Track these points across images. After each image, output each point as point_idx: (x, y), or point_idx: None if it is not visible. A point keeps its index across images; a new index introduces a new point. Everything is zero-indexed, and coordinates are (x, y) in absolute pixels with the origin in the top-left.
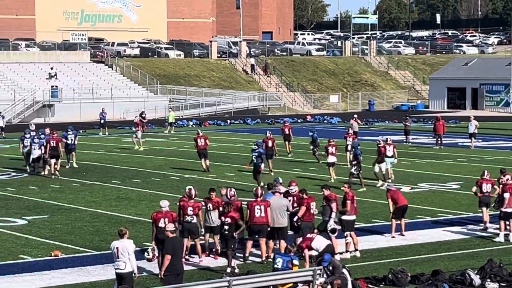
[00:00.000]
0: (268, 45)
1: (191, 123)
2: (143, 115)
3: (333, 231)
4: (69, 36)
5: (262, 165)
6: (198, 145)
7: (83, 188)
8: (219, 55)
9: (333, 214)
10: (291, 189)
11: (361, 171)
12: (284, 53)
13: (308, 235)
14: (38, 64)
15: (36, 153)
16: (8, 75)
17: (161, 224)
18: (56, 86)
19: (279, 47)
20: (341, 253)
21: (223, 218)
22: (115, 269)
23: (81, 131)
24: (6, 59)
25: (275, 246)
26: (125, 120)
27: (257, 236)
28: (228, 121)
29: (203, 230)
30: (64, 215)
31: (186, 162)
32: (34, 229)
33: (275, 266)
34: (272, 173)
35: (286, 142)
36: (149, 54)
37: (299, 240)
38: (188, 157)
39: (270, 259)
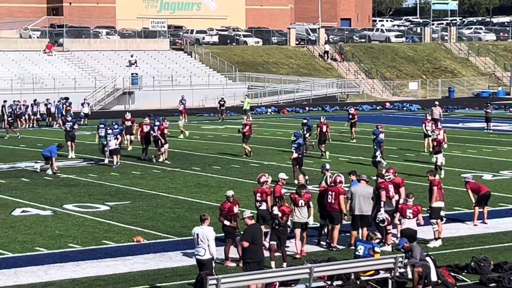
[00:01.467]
0: (346, 32)
1: (269, 110)
2: (221, 102)
3: (382, 221)
4: (148, 24)
5: (295, 154)
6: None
7: (163, 175)
8: (297, 42)
9: (382, 203)
10: (387, 176)
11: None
12: (363, 40)
13: None
14: (119, 52)
15: (111, 144)
16: (89, 62)
17: (235, 210)
18: (136, 74)
19: (358, 34)
20: (428, 241)
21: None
22: (195, 255)
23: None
24: (87, 47)
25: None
26: (204, 107)
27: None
28: (307, 108)
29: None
30: (145, 201)
31: (265, 149)
32: (116, 215)
33: (357, 253)
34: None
35: (352, 128)
36: (228, 41)
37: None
38: (267, 144)
39: (352, 247)
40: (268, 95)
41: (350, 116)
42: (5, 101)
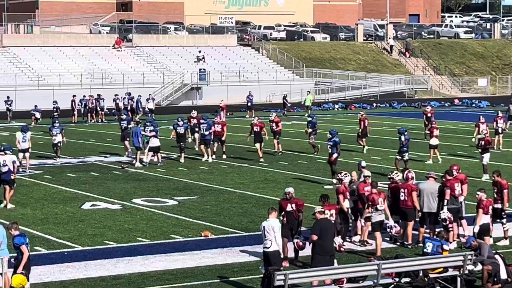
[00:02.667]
0: (415, 28)
1: (336, 106)
2: (286, 98)
3: (444, 220)
4: (216, 19)
5: (334, 155)
6: (255, 132)
7: (231, 170)
8: (365, 38)
9: (445, 201)
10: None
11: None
12: (431, 36)
13: None
14: (187, 47)
15: (155, 141)
16: (157, 58)
17: (289, 208)
18: (204, 69)
19: (426, 29)
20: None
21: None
22: (263, 248)
23: (228, 114)
24: (155, 42)
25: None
26: (271, 103)
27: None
28: (374, 104)
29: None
30: (213, 196)
31: None
32: (184, 210)
33: (425, 250)
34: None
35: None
36: (295, 37)
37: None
38: None
39: (420, 244)
40: (335, 91)
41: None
42: (74, 96)
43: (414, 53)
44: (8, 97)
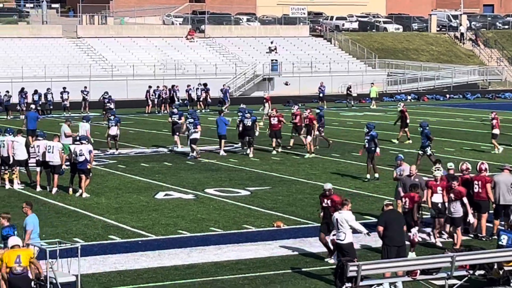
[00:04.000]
0: (489, 18)
1: (409, 97)
2: (350, 90)
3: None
4: (288, 10)
5: (378, 150)
6: (271, 125)
7: (303, 161)
8: (438, 29)
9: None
10: None
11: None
12: (506, 27)
13: None
14: (259, 38)
15: (195, 134)
16: (230, 49)
17: (325, 204)
18: (276, 60)
19: (501, 20)
20: None
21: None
22: (336, 239)
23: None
24: (228, 33)
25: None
26: (343, 94)
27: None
28: (447, 95)
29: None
30: (285, 187)
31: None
32: (257, 200)
33: (500, 243)
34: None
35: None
36: (368, 28)
37: None
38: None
39: (494, 237)
40: (408, 82)
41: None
42: (149, 87)
43: (488, 44)
44: (85, 87)
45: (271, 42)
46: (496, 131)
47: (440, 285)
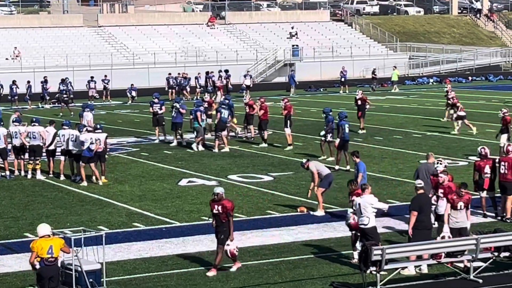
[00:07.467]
0: (511, 0)
1: (431, 80)
2: (375, 73)
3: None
4: None
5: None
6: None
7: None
8: (459, 11)
9: None
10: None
11: None
12: None
13: None
14: (279, 24)
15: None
16: (250, 35)
17: (215, 211)
18: (297, 45)
19: None
20: None
21: None
22: (359, 224)
23: (321, 89)
24: (248, 19)
25: None
26: (365, 78)
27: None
28: (469, 78)
29: None
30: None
31: (428, 120)
32: (280, 186)
33: None
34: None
35: None
36: (388, 11)
37: None
38: (429, 115)
39: None
40: (430, 65)
41: None
42: (169, 74)
43: (510, 25)
44: (105, 75)
45: (292, 28)
46: None
47: (464, 267)
